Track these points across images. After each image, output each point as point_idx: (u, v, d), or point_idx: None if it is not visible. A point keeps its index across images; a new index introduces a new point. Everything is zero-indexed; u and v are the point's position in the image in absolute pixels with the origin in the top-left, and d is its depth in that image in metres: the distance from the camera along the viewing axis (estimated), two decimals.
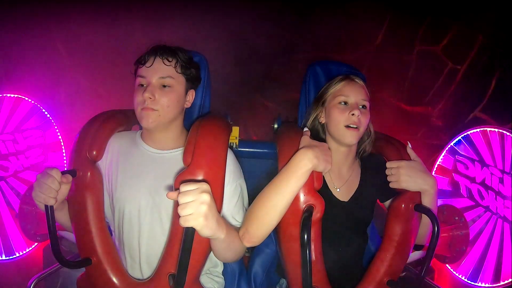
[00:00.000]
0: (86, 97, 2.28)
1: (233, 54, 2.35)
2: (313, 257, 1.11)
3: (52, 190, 1.03)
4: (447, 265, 2.06)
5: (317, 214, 1.08)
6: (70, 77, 2.29)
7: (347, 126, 1.21)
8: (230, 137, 1.37)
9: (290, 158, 1.08)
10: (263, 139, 2.49)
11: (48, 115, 2.09)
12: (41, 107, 2.08)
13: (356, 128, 1.21)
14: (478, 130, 2.04)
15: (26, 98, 2.05)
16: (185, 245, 0.88)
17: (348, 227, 1.28)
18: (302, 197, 1.08)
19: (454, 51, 2.36)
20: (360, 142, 1.32)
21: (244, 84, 2.45)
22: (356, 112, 1.20)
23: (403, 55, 2.43)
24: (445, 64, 2.39)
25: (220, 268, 1.34)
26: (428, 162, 2.28)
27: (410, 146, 1.26)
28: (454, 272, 2.05)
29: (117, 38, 2.24)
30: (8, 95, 2.03)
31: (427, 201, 1.19)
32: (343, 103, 1.24)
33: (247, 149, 1.86)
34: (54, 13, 2.17)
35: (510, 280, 1.91)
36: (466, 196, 2.07)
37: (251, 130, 2.53)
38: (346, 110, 1.22)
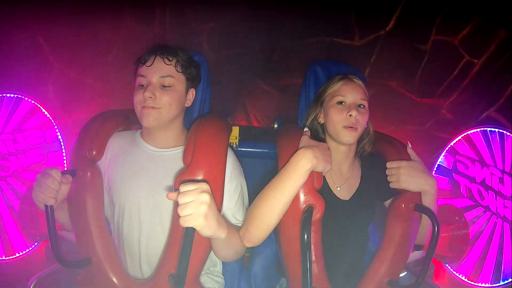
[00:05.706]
0: (86, 97, 2.27)
1: (234, 38, 2.27)
2: (313, 257, 1.11)
3: (52, 190, 1.03)
4: (447, 265, 2.06)
5: (317, 214, 1.08)
6: (70, 77, 2.28)
7: (345, 126, 1.21)
8: (230, 137, 1.37)
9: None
10: (264, 125, 2.42)
11: (48, 115, 2.08)
12: (41, 107, 2.07)
13: (354, 128, 1.20)
14: (478, 130, 2.04)
15: (26, 98, 2.05)
16: (185, 245, 0.88)
17: (349, 226, 1.28)
18: (302, 197, 1.08)
19: (472, 44, 2.22)
20: (360, 140, 1.32)
21: (245, 69, 2.35)
22: (354, 113, 1.19)
23: (417, 43, 2.26)
24: (461, 57, 2.26)
25: (219, 268, 1.34)
26: (432, 157, 2.21)
27: (410, 146, 1.26)
28: (454, 272, 2.04)
29: (110, 32, 2.20)
30: (8, 95, 2.03)
31: (428, 201, 1.19)
32: (341, 103, 1.24)
33: (247, 149, 1.86)
34: (48, 11, 2.14)
35: (510, 280, 1.91)
36: (466, 196, 2.07)
37: (252, 116, 2.45)
38: (344, 110, 1.22)
